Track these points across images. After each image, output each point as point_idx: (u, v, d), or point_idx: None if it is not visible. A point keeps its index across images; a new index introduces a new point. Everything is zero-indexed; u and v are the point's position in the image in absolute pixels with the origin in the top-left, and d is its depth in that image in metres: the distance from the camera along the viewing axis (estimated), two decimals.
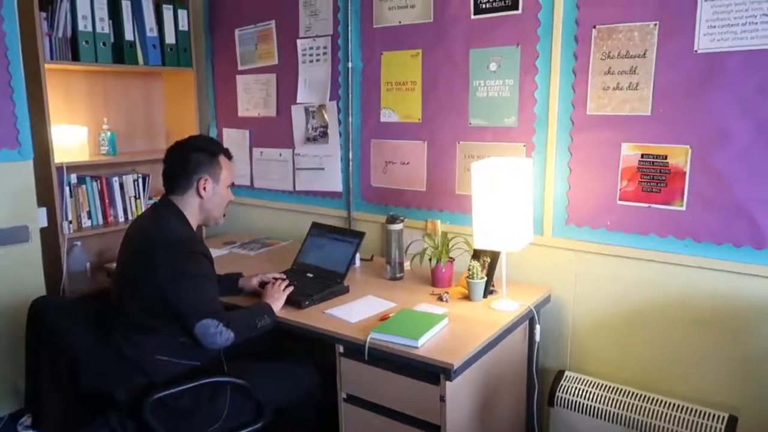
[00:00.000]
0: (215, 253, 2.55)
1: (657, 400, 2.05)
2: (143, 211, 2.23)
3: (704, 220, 1.98)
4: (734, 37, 1.86)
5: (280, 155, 3.06)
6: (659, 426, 1.99)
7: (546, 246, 2.31)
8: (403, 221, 2.41)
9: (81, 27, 2.72)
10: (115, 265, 2.02)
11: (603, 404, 2.11)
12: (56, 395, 1.85)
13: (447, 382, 1.70)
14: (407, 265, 2.45)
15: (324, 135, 2.88)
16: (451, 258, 2.31)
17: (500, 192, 1.98)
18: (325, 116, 2.86)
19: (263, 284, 2.21)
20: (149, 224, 1.96)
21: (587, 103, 2.14)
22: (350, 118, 2.77)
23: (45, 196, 2.68)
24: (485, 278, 2.13)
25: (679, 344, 2.10)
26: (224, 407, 1.88)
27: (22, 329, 1.92)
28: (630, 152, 2.09)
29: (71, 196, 2.80)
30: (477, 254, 2.18)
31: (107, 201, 2.97)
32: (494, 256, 2.16)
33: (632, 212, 2.11)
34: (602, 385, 2.16)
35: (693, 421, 1.96)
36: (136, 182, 3.07)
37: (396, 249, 2.38)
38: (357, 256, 2.50)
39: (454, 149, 2.49)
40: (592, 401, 2.13)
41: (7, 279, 2.51)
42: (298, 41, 2.88)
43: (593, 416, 2.11)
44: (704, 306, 2.04)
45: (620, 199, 2.13)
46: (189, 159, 1.97)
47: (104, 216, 2.96)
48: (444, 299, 2.13)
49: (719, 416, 1.96)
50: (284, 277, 2.23)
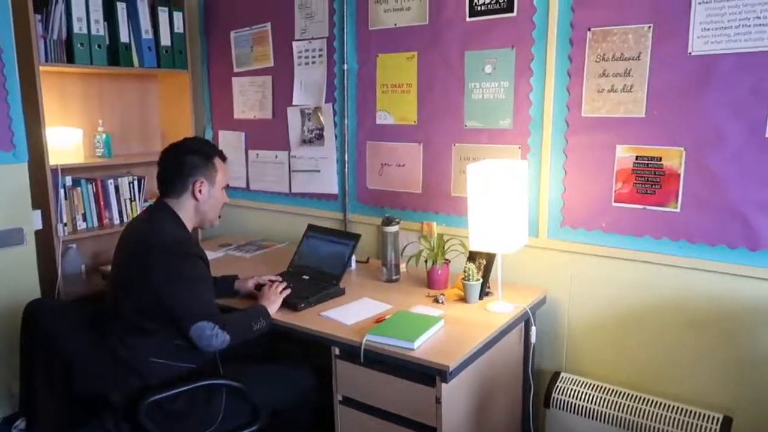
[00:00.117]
0: (211, 256, 2.55)
1: (652, 401, 2.06)
2: (138, 214, 2.23)
3: (698, 222, 1.99)
4: (728, 40, 1.87)
5: (276, 157, 3.06)
6: (654, 427, 2.00)
7: (541, 248, 2.32)
8: (399, 223, 2.42)
9: (76, 29, 2.70)
10: (110, 268, 2.02)
11: (598, 405, 2.11)
12: (51, 398, 1.85)
13: (443, 384, 1.70)
14: (403, 267, 2.46)
15: (320, 137, 2.88)
16: (447, 260, 2.31)
17: (496, 194, 1.99)
18: (321, 118, 2.86)
19: (259, 286, 2.20)
20: (144, 227, 1.95)
21: (582, 106, 2.15)
22: (346, 120, 2.77)
23: (40, 199, 2.67)
24: (481, 280, 2.13)
25: (674, 345, 2.11)
26: (220, 410, 1.88)
27: (17, 332, 1.92)
28: (625, 154, 2.09)
29: (66, 199, 2.79)
30: (472, 256, 2.19)
31: (102, 203, 2.95)
32: (490, 258, 2.16)
33: (627, 214, 2.12)
34: (598, 387, 2.16)
35: (688, 422, 1.97)
36: (132, 184, 3.06)
37: (392, 251, 2.38)
38: (353, 258, 2.50)
39: (450, 151, 2.49)
40: (588, 402, 2.13)
41: (2, 281, 2.50)
42: (294, 43, 2.89)
43: (589, 417, 2.12)
44: (699, 307, 2.05)
45: (615, 201, 2.14)
46: (184, 162, 1.96)
47: (99, 218, 2.95)
48: (440, 301, 2.14)
49: (714, 417, 1.96)
50: (280, 280, 2.22)
